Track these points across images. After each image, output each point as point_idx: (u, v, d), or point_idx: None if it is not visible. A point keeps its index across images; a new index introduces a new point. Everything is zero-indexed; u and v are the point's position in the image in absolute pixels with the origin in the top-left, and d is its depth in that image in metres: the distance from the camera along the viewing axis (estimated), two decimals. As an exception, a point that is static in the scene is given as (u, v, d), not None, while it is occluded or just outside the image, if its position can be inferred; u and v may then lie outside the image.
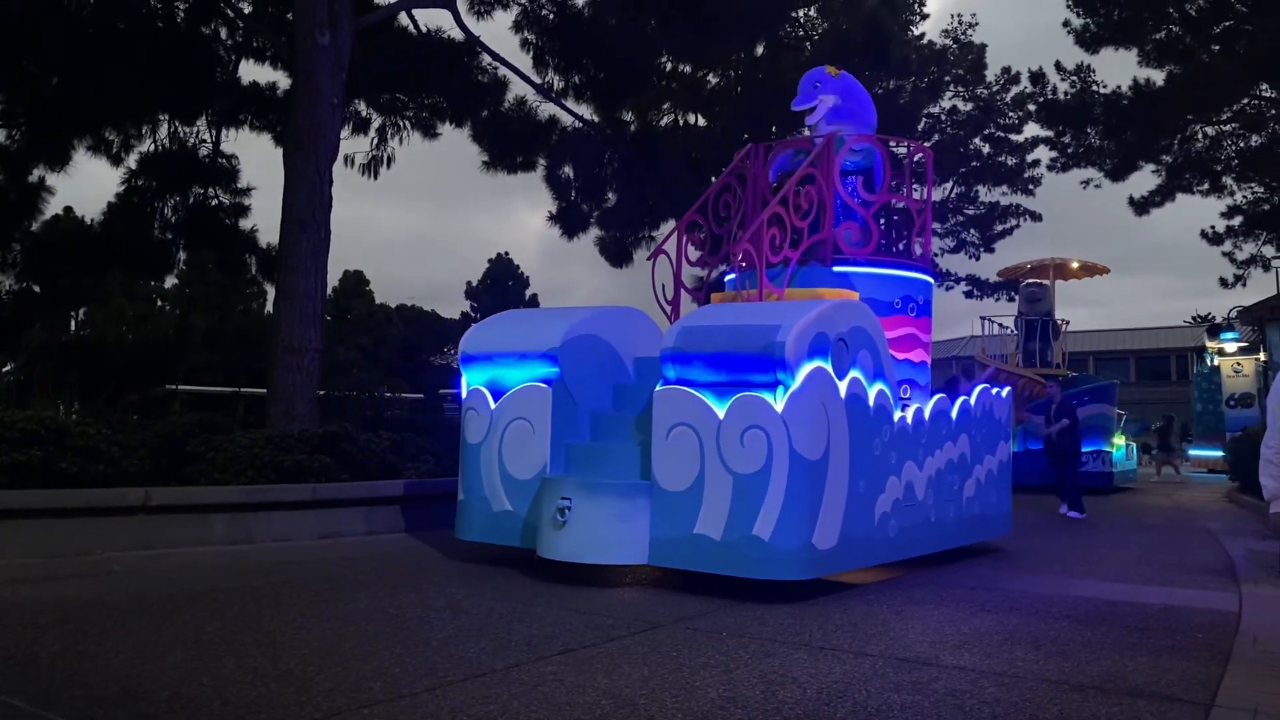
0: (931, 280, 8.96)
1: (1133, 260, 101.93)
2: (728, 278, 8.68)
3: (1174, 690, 4.30)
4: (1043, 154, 29.53)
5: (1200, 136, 24.71)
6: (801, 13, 24.93)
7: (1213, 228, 27.22)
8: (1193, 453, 25.25)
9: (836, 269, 8.27)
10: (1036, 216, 32.21)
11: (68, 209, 21.40)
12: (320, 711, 3.68)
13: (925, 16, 30.56)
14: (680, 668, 4.48)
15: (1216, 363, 24.80)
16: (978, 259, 32.77)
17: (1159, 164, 25.16)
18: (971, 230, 32.39)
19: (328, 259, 11.97)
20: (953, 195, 31.98)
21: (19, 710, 3.63)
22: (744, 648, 4.93)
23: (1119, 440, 19.24)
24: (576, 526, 6.62)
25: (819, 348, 6.28)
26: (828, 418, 6.32)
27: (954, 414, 8.17)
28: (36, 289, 17.89)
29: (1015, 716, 3.87)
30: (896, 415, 7.19)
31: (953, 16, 32.20)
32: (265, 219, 20.64)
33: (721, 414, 6.29)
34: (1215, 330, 25.25)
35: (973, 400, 8.60)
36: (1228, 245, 27.34)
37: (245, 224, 18.01)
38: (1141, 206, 25.91)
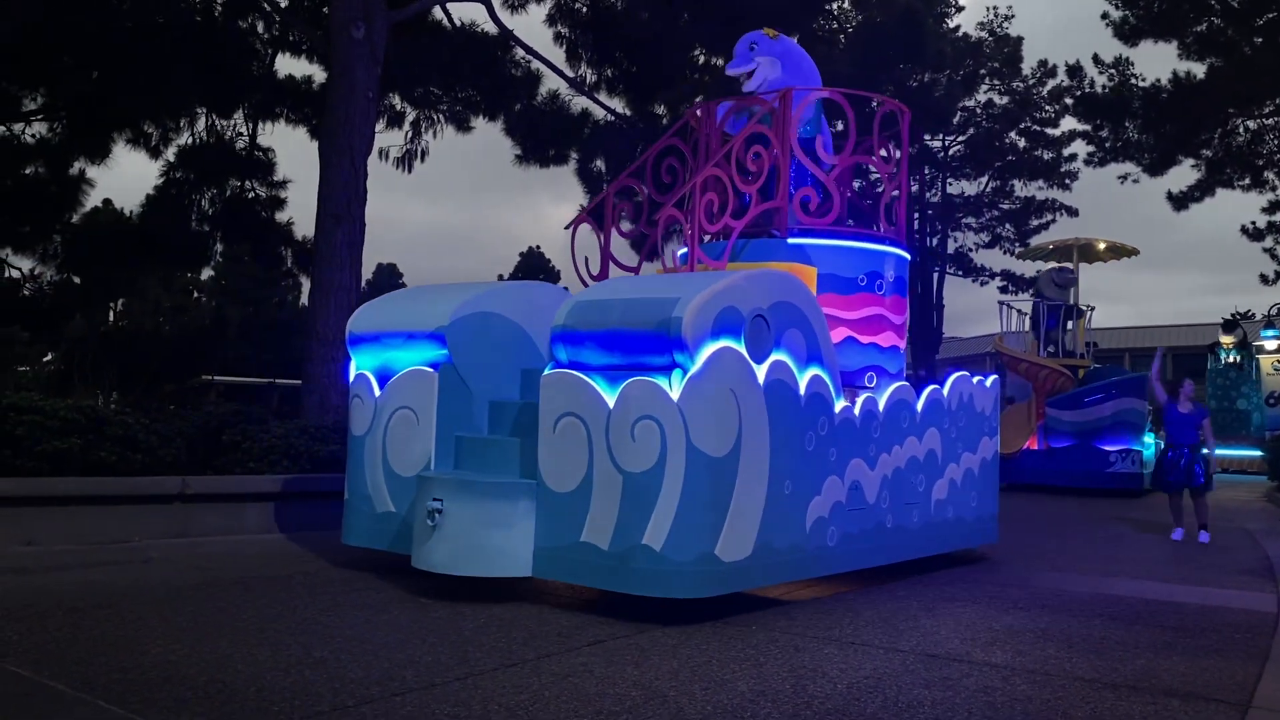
0: (905, 254, 7.91)
1: (1168, 256, 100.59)
2: (679, 252, 7.72)
3: (1210, 690, 4.25)
4: (1079, 148, 29.26)
5: (1242, 130, 24.35)
6: (835, 5, 24.83)
7: (1253, 223, 26.79)
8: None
9: (792, 241, 7.32)
10: (1073, 211, 31.89)
11: (107, 201, 21.67)
12: (353, 699, 3.72)
13: (960, 9, 30.37)
14: (710, 661, 4.49)
15: (1234, 359, 24.28)
16: (1013, 254, 32.50)
17: (1198, 158, 24.81)
18: (1007, 225, 32.12)
19: (362, 251, 12.07)
20: (988, 190, 31.73)
21: (60, 693, 3.70)
22: (773, 642, 4.92)
23: (1149, 438, 17.95)
24: (449, 532, 5.69)
25: (727, 325, 5.36)
26: (738, 407, 5.40)
27: (919, 405, 7.21)
28: (77, 280, 18.16)
29: (1047, 715, 3.85)
30: (839, 405, 6.28)
31: (988, 9, 31.89)
32: (301, 212, 20.84)
33: (612, 402, 5.39)
34: (1230, 326, 24.68)
35: (945, 390, 7.61)
36: (1269, 241, 26.91)
37: (281, 216, 18.19)
38: (1180, 201, 25.56)
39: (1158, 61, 24.11)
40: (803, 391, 5.94)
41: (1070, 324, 19.06)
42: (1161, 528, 10.42)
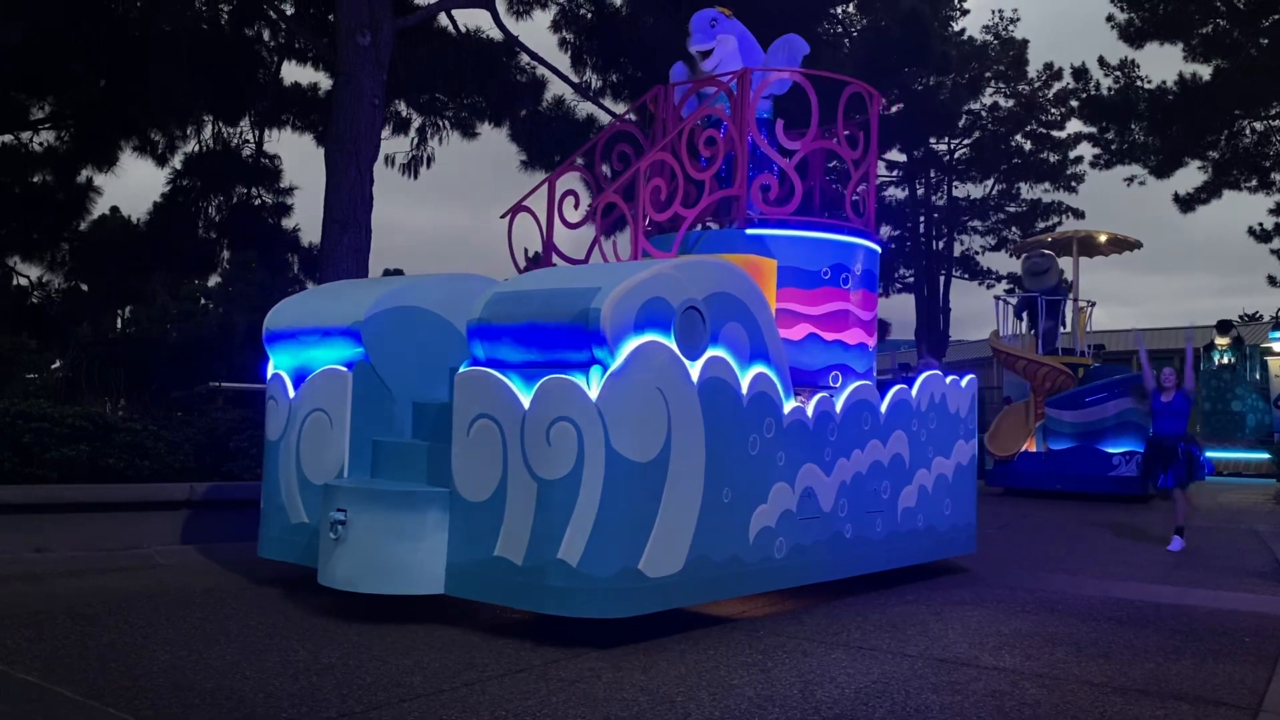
0: (875, 246, 7.44)
1: (1176, 258, 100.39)
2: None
3: (1219, 694, 4.24)
4: (1085, 150, 29.22)
5: (1248, 132, 24.30)
6: (840, 9, 24.82)
7: (1260, 225, 26.74)
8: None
9: (750, 232, 6.85)
10: (1079, 214, 31.82)
11: (114, 209, 21.75)
12: (361, 705, 3.72)
13: (966, 12, 30.35)
14: (717, 666, 4.49)
15: (1228, 360, 24.11)
16: (1018, 257, 32.46)
17: (1205, 160, 24.77)
18: (1013, 228, 32.06)
19: (369, 258, 12.09)
20: (994, 192, 31.70)
21: (69, 700, 3.71)
22: (781, 647, 4.92)
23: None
24: (353, 546, 5.27)
25: (654, 318, 4.93)
26: (667, 408, 4.97)
27: (884, 406, 6.73)
28: (84, 287, 18.21)
29: (1056, 719, 3.84)
30: (789, 406, 5.82)
31: (993, 12, 31.95)
32: (308, 218, 20.89)
33: (527, 402, 4.97)
34: (1224, 326, 24.47)
35: (914, 390, 7.11)
36: (1276, 242, 26.85)
37: (288, 223, 18.26)
38: (1187, 204, 25.52)
39: (1163, 63, 24.09)
40: (745, 391, 5.48)
41: (1064, 317, 17.70)
42: (1162, 540, 10.31)
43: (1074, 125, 29.96)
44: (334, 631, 4.92)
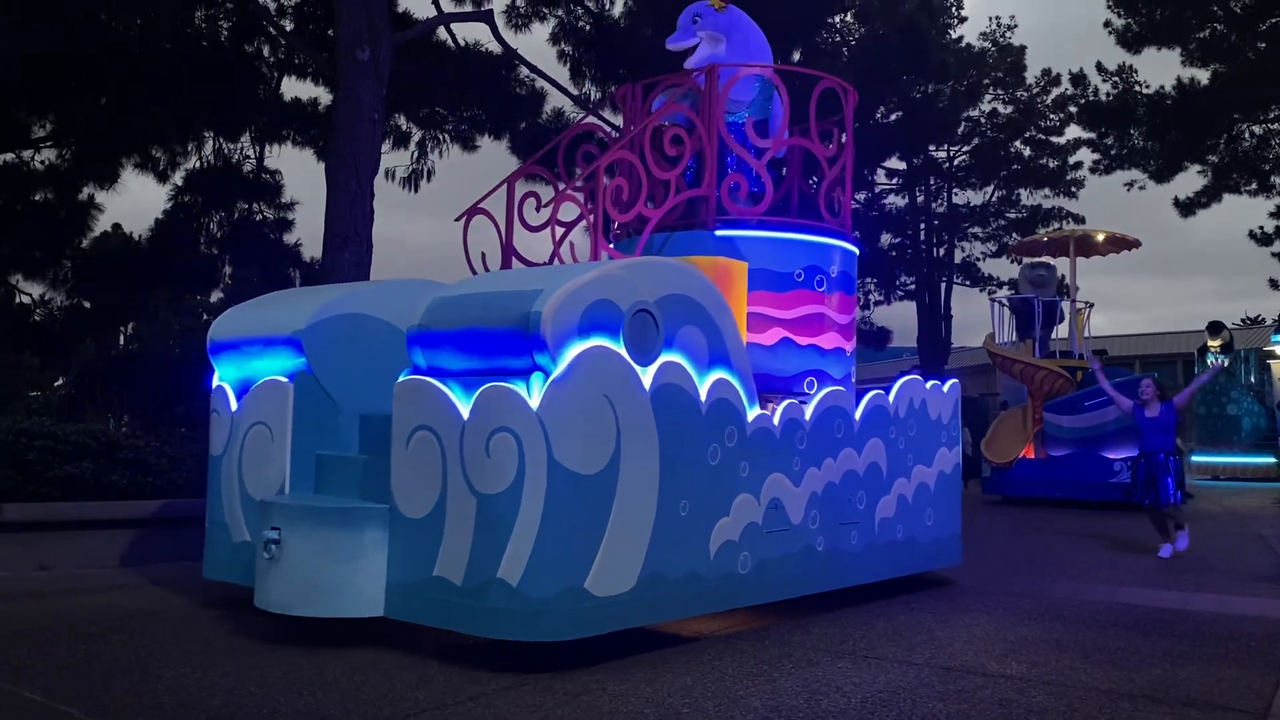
0: (851, 247, 7.18)
1: (1177, 262, 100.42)
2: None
3: (1226, 700, 4.22)
4: (1085, 156, 29.28)
5: (1247, 135, 24.35)
6: (838, 19, 24.90)
7: (1261, 228, 26.76)
8: (1196, 459, 23.90)
9: (720, 233, 6.60)
10: (1079, 219, 31.83)
11: (116, 225, 21.82)
12: (366, 720, 3.71)
13: (963, 20, 30.44)
14: (723, 677, 4.47)
15: (1221, 362, 24.02)
16: (1016, 260, 32.49)
17: (1205, 164, 24.82)
18: (1014, 235, 32.09)
19: (370, 272, 12.11)
20: (994, 199, 31.75)
21: (74, 719, 3.70)
22: (787, 656, 4.91)
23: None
24: (287, 567, 5.01)
25: (600, 321, 4.68)
26: (616, 417, 4.72)
27: (858, 413, 6.42)
28: (87, 305, 18.25)
29: (1064, 726, 3.83)
30: (753, 414, 5.54)
31: (990, 19, 32.02)
32: (309, 233, 20.92)
33: (466, 412, 4.71)
34: (1215, 329, 24.38)
35: (891, 396, 6.78)
36: (1277, 245, 26.85)
37: (289, 238, 18.32)
38: (1187, 208, 25.56)
39: (1161, 68, 24.25)
40: (704, 398, 5.20)
41: (1060, 321, 17.17)
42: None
43: (1073, 131, 30.06)
44: (339, 647, 4.91)
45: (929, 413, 7.18)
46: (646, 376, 4.89)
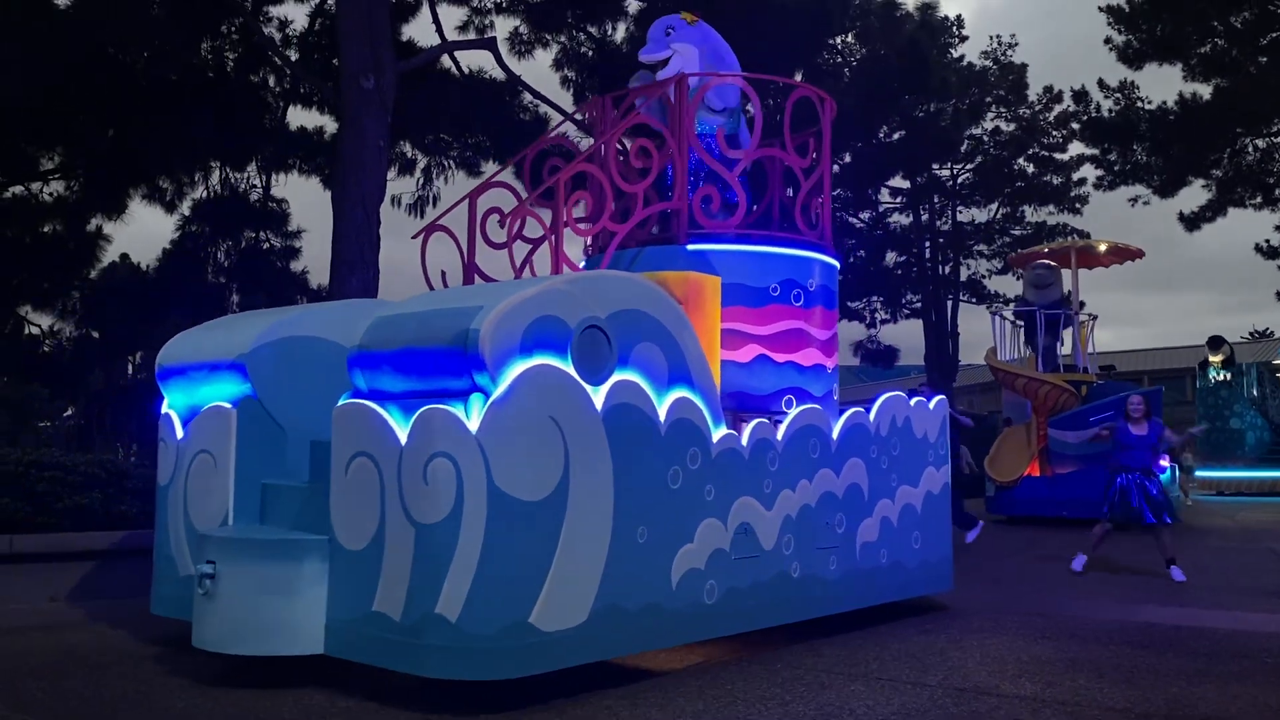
0: (832, 260, 6.95)
1: (1182, 277, 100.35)
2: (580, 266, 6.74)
3: (1243, 718, 4.19)
4: (1089, 172, 29.30)
5: (1251, 149, 24.37)
6: (839, 39, 25.04)
7: (1267, 241, 26.72)
8: (1200, 474, 23.58)
9: (692, 247, 6.36)
10: (1084, 235, 31.81)
11: (124, 256, 21.96)
12: (377, 749, 3.69)
13: (964, 39, 30.54)
14: (735, 701, 4.45)
15: (1223, 377, 23.84)
16: (1017, 271, 32.44)
17: (1209, 179, 24.82)
18: (1018, 251, 32.11)
19: (378, 298, 12.16)
20: (999, 216, 31.76)
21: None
22: (799, 680, 4.88)
23: (1164, 461, 15.30)
24: (223, 602, 4.76)
25: (545, 339, 4.46)
26: (563, 439, 4.49)
27: (835, 432, 6.15)
28: (95, 335, 18.33)
29: (1079, 747, 3.79)
30: (718, 434, 5.28)
31: (991, 37, 32.17)
32: (316, 261, 21.02)
33: (404, 437, 4.49)
34: (1216, 343, 24.25)
35: (872, 414, 6.52)
36: (1284, 258, 26.80)
37: (296, 266, 18.39)
38: (1192, 222, 25.55)
39: (1163, 84, 24.31)
40: (663, 418, 4.95)
41: (1066, 332, 16.68)
42: (1181, 562, 10.19)
43: (1076, 147, 30.06)
44: (350, 673, 4.89)
45: (914, 431, 6.89)
46: (598, 396, 4.65)
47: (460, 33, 16.73)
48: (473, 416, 4.31)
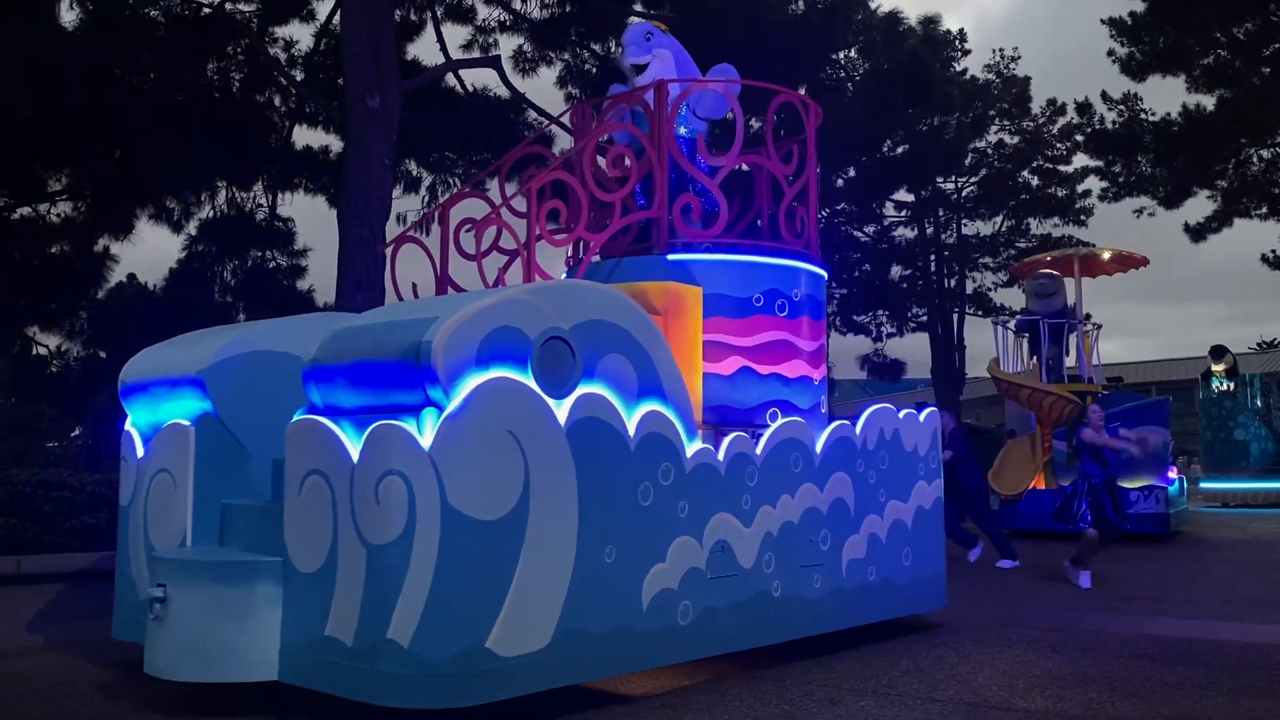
0: (818, 270, 6.82)
1: (1189, 288, 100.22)
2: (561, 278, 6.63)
3: (1257, 731, 4.16)
4: (1093, 184, 29.30)
5: (1256, 160, 24.36)
6: (842, 54, 25.11)
7: (1273, 251, 26.66)
8: (1204, 485, 23.37)
9: (672, 257, 6.27)
10: (1090, 247, 31.83)
11: (131, 276, 22.02)
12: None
13: (967, 52, 30.63)
14: (744, 718, 4.43)
15: (1226, 387, 23.70)
16: (1021, 281, 32.39)
17: (1214, 189, 24.82)
18: (1022, 260, 32.09)
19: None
20: (1003, 229, 31.77)
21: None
22: (809, 696, 4.85)
23: (1173, 473, 15.01)
24: (173, 627, 4.59)
25: (503, 350, 4.30)
26: (523, 455, 4.32)
27: (819, 446, 5.94)
28: (103, 355, 18.40)
29: (1091, 761, 3.77)
30: (692, 448, 5.11)
31: (994, 51, 32.22)
32: (322, 280, 21.10)
33: (356, 454, 4.35)
34: (1219, 353, 24.12)
35: (858, 426, 6.30)
36: (1290, 268, 26.75)
37: (302, 284, 18.48)
38: (1198, 233, 25.53)
39: (1167, 95, 24.23)
40: (632, 432, 4.78)
41: (1068, 344, 16.24)
42: (1192, 573, 10.13)
43: (1080, 159, 30.09)
44: (305, 701, 4.84)
45: (903, 444, 6.66)
46: (561, 410, 4.48)
47: (465, 51, 16.85)
48: (426, 432, 4.16)
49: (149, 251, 19.06)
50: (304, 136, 18.55)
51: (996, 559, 10.80)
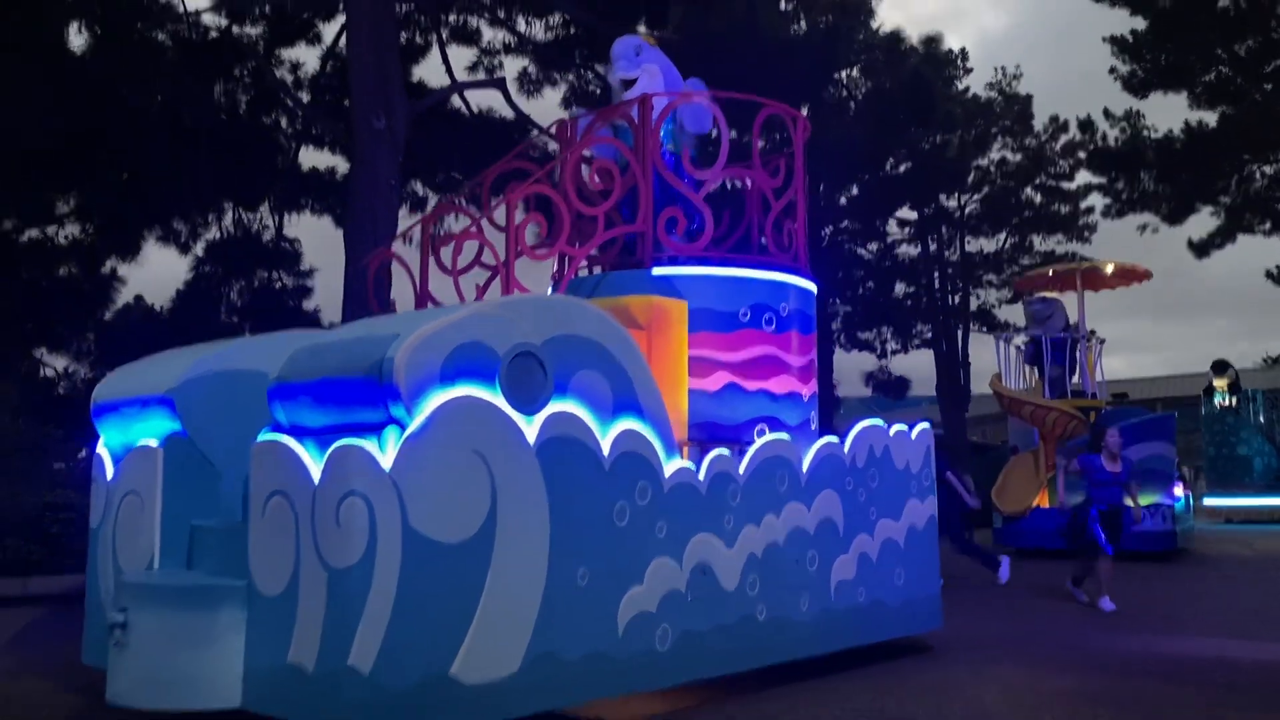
0: (807, 284, 6.73)
1: (1193, 304, 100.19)
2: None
3: (1268, 750, 4.15)
4: (1096, 201, 29.32)
5: (1258, 176, 24.37)
6: (844, 73, 25.23)
7: (1278, 267, 26.66)
8: (1207, 502, 23.13)
9: (657, 271, 6.19)
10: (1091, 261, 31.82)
11: (138, 297, 22.12)
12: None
13: (969, 71, 30.73)
14: (754, 738, 4.42)
15: (1229, 402, 23.59)
16: (1025, 297, 32.36)
17: (1217, 205, 24.83)
18: (1024, 274, 32.08)
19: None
20: (1007, 246, 31.79)
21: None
22: (817, 718, 4.84)
23: (1179, 490, 14.90)
24: (135, 653, 4.47)
25: (469, 367, 4.19)
26: (490, 475, 4.22)
27: (806, 463, 5.81)
28: (110, 376, 18.45)
29: (1102, 781, 3.76)
30: (671, 467, 4.99)
31: (996, 69, 32.34)
32: (328, 299, 21.14)
33: (318, 475, 4.23)
34: (1221, 367, 24.01)
35: (847, 443, 6.20)
36: (1295, 284, 26.72)
37: (309, 305, 18.56)
38: (1202, 249, 25.53)
39: (1169, 112, 24.27)
40: (607, 451, 4.67)
41: (1069, 360, 15.85)
42: (1200, 591, 10.08)
43: (1083, 176, 30.10)
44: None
45: (894, 461, 6.53)
46: (531, 428, 4.38)
47: (470, 73, 16.97)
48: (387, 452, 4.04)
49: (156, 273, 19.17)
50: (310, 158, 18.72)
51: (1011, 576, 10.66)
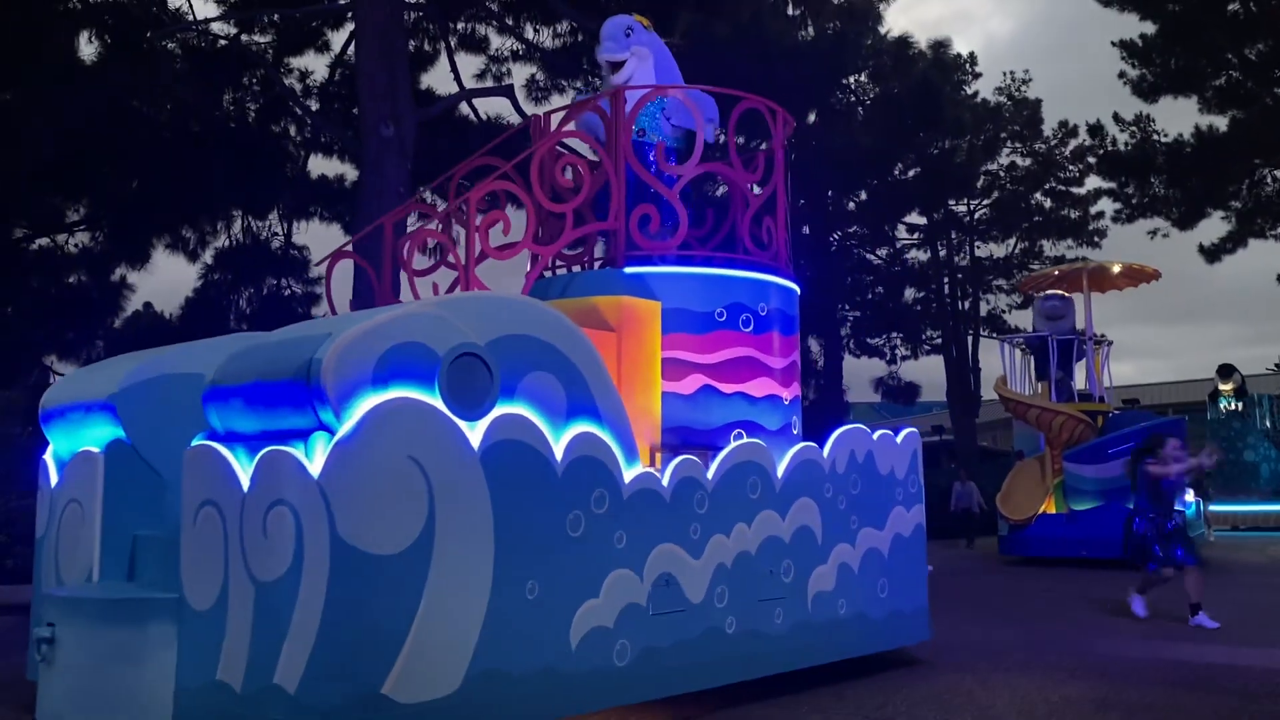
0: (789, 283, 6.48)
1: (1204, 308, 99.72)
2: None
3: (1280, 759, 4.11)
4: (1106, 205, 29.25)
5: (1270, 180, 24.28)
6: (852, 79, 25.23)
7: (1290, 271, 26.54)
8: (1214, 508, 22.87)
9: (630, 270, 5.95)
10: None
11: (147, 305, 22.22)
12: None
13: (977, 75, 30.70)
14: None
15: (1235, 407, 23.41)
16: (1034, 296, 32.27)
17: (1228, 210, 24.73)
18: (1030, 274, 31.99)
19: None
20: (1017, 251, 31.73)
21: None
22: (825, 724, 4.82)
23: (1189, 495, 14.37)
24: (61, 670, 4.29)
25: (405, 369, 3.94)
26: (427, 482, 3.95)
27: (780, 469, 5.53)
28: (120, 384, 18.53)
29: (1111, 790, 3.73)
30: (631, 473, 4.72)
31: (1005, 74, 32.27)
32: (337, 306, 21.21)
33: (246, 482, 4.06)
34: (1226, 372, 23.84)
35: (826, 448, 5.91)
36: (1307, 289, 26.57)
37: (317, 312, 18.57)
38: (1212, 254, 25.43)
39: (1179, 116, 24.19)
40: (559, 457, 4.40)
41: (1079, 359, 15.63)
42: (1212, 598, 9.96)
43: (1093, 181, 30.02)
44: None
45: (877, 467, 6.22)
46: (475, 433, 4.13)
47: (478, 81, 17.01)
48: (315, 458, 3.84)
49: (165, 280, 19.23)
50: (319, 165, 18.74)
51: (1011, 585, 10.63)
